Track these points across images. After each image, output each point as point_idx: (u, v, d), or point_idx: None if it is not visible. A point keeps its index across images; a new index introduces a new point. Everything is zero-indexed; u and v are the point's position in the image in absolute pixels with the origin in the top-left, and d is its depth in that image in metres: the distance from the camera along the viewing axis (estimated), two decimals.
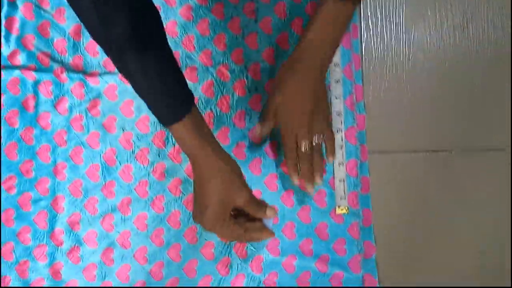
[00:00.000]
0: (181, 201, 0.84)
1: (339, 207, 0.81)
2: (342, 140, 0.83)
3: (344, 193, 0.81)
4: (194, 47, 0.86)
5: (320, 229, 0.82)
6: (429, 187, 0.83)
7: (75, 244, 0.84)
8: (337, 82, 0.84)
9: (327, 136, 0.77)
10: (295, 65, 0.74)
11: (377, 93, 0.85)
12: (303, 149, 0.74)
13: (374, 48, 0.86)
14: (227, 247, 0.82)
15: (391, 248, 0.82)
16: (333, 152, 0.78)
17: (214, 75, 0.86)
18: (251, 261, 0.82)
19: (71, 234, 0.84)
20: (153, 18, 0.60)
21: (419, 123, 0.84)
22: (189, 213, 0.83)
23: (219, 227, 0.70)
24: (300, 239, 0.81)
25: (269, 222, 0.74)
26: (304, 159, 0.75)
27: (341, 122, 0.83)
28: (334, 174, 0.83)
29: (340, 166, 0.82)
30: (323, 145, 0.78)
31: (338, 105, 0.84)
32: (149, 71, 0.60)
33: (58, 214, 0.84)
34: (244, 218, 0.72)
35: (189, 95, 0.66)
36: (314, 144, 0.76)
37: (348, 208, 0.81)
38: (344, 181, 0.82)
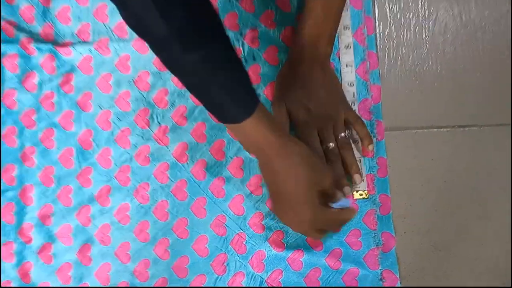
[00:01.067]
0: (169, 189, 0.71)
1: (356, 191, 0.69)
2: (354, 95, 0.72)
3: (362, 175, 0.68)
4: None
5: None
6: (456, 167, 0.70)
7: (46, 241, 0.72)
8: (348, 47, 0.71)
9: (353, 120, 0.69)
10: (297, 69, 0.69)
11: (393, 62, 0.72)
12: (329, 151, 0.68)
13: (389, 8, 0.73)
14: (223, 242, 0.70)
15: (414, 239, 0.69)
16: (368, 137, 0.69)
17: None
18: (251, 257, 0.69)
19: (42, 230, 0.72)
20: (210, 7, 0.53)
21: (443, 95, 0.72)
22: (178, 202, 0.71)
23: (315, 216, 0.62)
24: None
25: (347, 202, 0.65)
26: (333, 160, 0.68)
27: (353, 94, 0.70)
28: None
29: (354, 145, 0.69)
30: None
31: (349, 74, 0.71)
32: (217, 64, 0.53)
33: (27, 207, 0.73)
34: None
35: (252, 85, 0.58)
36: (340, 138, 0.69)
37: (367, 193, 0.68)
38: (361, 161, 0.69)
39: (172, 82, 0.73)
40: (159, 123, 0.73)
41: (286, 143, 0.59)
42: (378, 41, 0.73)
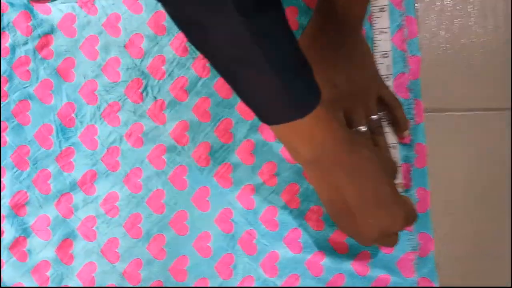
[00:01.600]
0: (166, 176, 0.59)
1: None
2: (388, 68, 0.60)
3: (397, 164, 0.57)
4: None
5: None
6: (508, 157, 0.59)
7: (20, 235, 0.61)
8: (382, 10, 0.59)
9: (388, 100, 0.57)
10: (321, 36, 0.55)
11: (436, 29, 0.60)
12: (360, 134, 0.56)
13: None
14: (230, 240, 0.58)
15: (456, 242, 0.58)
16: (404, 120, 0.57)
17: None
18: (263, 259, 0.58)
19: (15, 221, 0.61)
20: None
21: (493, 72, 0.60)
22: (177, 192, 0.59)
23: (408, 214, 0.49)
24: (330, 230, 0.57)
25: None
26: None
27: (388, 67, 0.58)
28: None
29: (388, 128, 0.57)
30: None
31: (383, 43, 0.58)
32: (280, 37, 0.40)
33: None
34: None
35: (312, 70, 0.43)
36: (372, 120, 0.56)
37: (403, 186, 0.57)
38: (395, 148, 0.57)
39: (171, 47, 0.61)
40: (155, 97, 0.60)
41: (352, 137, 0.46)
42: (417, 5, 0.60)
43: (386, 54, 0.59)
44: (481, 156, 0.59)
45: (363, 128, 0.55)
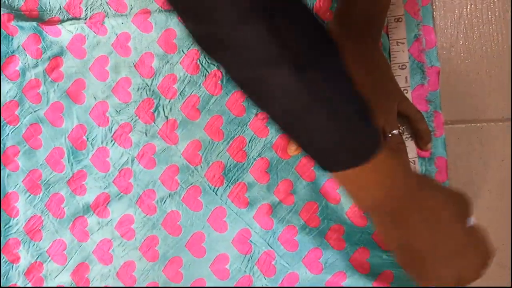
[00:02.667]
0: (179, 197, 0.56)
1: None
2: (407, 81, 0.56)
3: None
4: None
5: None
6: None
7: (36, 260, 0.59)
8: (399, 20, 0.55)
9: (409, 113, 0.53)
10: (341, 47, 0.49)
11: (454, 38, 0.56)
12: None
13: None
14: (248, 262, 0.55)
15: None
16: (428, 133, 0.53)
17: None
18: (282, 280, 0.55)
19: (31, 246, 0.59)
20: (320, 24, 0.38)
21: None
22: (193, 213, 0.56)
23: (482, 247, 0.44)
24: (352, 249, 0.54)
25: None
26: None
27: (406, 79, 0.54)
28: None
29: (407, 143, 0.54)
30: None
31: (400, 54, 0.55)
32: (335, 84, 0.37)
33: (12, 219, 0.59)
34: None
35: (371, 113, 0.41)
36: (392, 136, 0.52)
37: None
38: (415, 163, 0.53)
39: (182, 66, 0.58)
40: (166, 117, 0.58)
41: (419, 182, 0.42)
42: (435, 13, 0.57)
43: (403, 65, 0.55)
44: (504, 168, 0.55)
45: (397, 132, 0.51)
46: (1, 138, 0.59)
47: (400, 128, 0.52)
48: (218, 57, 0.37)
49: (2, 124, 0.59)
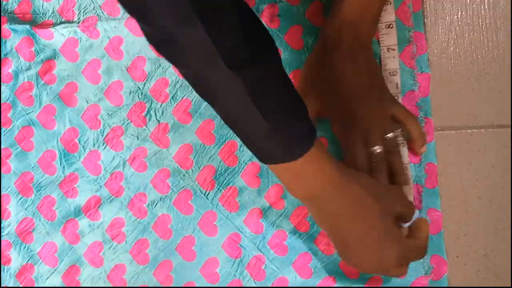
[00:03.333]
0: (170, 201, 0.56)
1: None
2: (397, 86, 0.55)
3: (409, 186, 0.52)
4: None
5: None
6: None
7: (27, 262, 0.58)
8: (389, 26, 0.54)
9: (402, 117, 0.52)
10: (331, 55, 0.52)
11: (445, 45, 0.55)
12: (376, 154, 0.51)
13: None
14: (238, 266, 0.54)
15: (468, 264, 0.53)
16: (422, 136, 0.53)
17: None
18: (271, 284, 0.54)
19: (22, 248, 0.58)
20: (262, 25, 0.40)
21: (506, 86, 0.54)
22: (183, 217, 0.56)
23: (402, 249, 0.47)
24: None
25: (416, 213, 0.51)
26: (379, 169, 0.51)
27: (397, 85, 0.53)
28: None
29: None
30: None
31: (392, 61, 0.54)
32: (272, 85, 0.40)
33: (3, 221, 0.58)
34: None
35: (307, 111, 0.43)
36: (386, 140, 0.52)
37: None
38: (407, 168, 0.52)
39: (174, 70, 0.57)
40: (158, 121, 0.57)
41: (345, 176, 0.45)
42: (426, 20, 0.56)
43: (394, 72, 0.54)
44: (494, 175, 0.54)
45: (378, 149, 0.50)
46: None
47: (395, 131, 0.51)
48: (166, 55, 0.39)
49: None
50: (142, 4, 0.34)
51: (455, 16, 0.56)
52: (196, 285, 0.54)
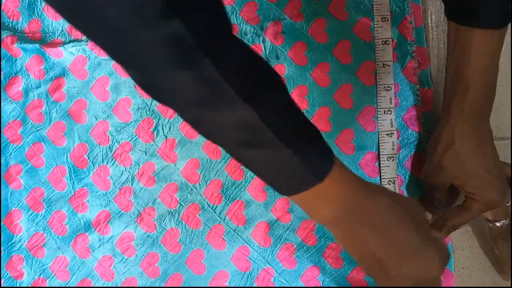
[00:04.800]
0: (179, 215, 0.54)
1: None
2: (392, 124, 0.53)
3: None
4: None
5: None
6: None
7: (39, 276, 0.56)
8: (386, 43, 0.53)
9: None
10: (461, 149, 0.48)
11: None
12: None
13: None
14: (247, 279, 0.54)
15: (473, 276, 0.52)
16: None
17: None
18: None
19: (34, 263, 0.56)
20: (262, 59, 0.38)
21: (508, 98, 0.53)
22: (192, 231, 0.54)
23: (443, 255, 0.42)
24: (350, 267, 0.53)
25: None
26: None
27: (390, 100, 0.52)
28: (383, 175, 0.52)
29: (390, 161, 0.52)
30: None
31: (387, 76, 0.53)
32: (284, 114, 0.37)
33: (15, 236, 0.57)
34: None
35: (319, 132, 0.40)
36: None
37: None
38: (395, 182, 0.51)
39: None
40: (165, 136, 0.55)
41: (366, 189, 0.41)
42: (428, 34, 0.54)
43: (389, 87, 0.54)
44: None
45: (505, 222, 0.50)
46: (5, 157, 0.56)
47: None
48: (160, 100, 0.37)
49: (5, 143, 0.57)
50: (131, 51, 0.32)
51: None
52: None
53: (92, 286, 0.55)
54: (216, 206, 0.55)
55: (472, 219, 0.49)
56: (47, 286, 0.55)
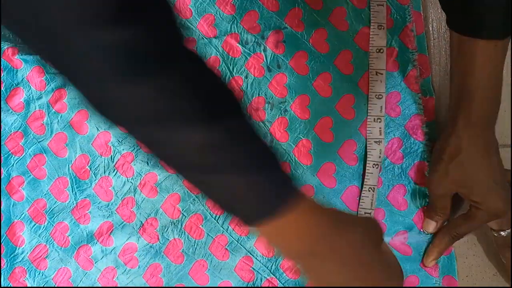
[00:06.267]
0: (181, 225, 0.53)
1: None
2: (380, 132, 0.51)
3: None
4: (191, 12, 0.55)
5: None
6: None
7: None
8: (380, 51, 0.51)
9: None
10: (468, 132, 0.46)
11: (448, 68, 0.52)
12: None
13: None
14: (252, 286, 0.51)
15: (479, 284, 0.50)
16: None
17: (220, 49, 0.54)
18: None
19: (36, 275, 0.55)
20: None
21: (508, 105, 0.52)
22: (195, 241, 0.52)
23: None
24: None
25: None
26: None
27: (381, 109, 0.51)
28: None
29: (375, 168, 0.50)
30: None
31: (379, 84, 0.52)
32: (244, 137, 0.33)
33: (17, 248, 0.55)
34: None
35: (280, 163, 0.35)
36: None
37: None
38: (374, 189, 0.50)
39: None
40: None
41: (334, 223, 0.36)
42: (429, 42, 0.53)
43: (380, 95, 0.52)
44: None
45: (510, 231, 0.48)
46: (6, 169, 0.55)
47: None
48: (110, 117, 0.33)
49: (7, 155, 0.55)
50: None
51: None
52: None
53: None
54: (219, 217, 0.53)
55: (477, 228, 0.48)
56: None
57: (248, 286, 0.52)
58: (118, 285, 0.53)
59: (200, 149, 0.31)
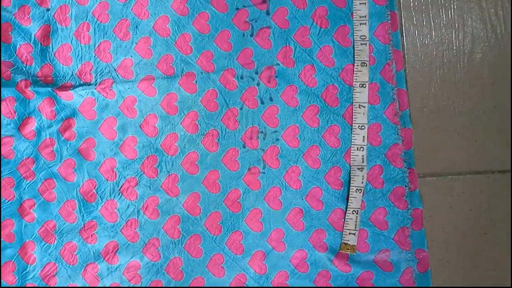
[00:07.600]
0: (181, 245, 0.55)
1: (345, 244, 0.54)
2: (363, 160, 0.55)
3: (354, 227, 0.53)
4: (191, 49, 0.57)
5: (362, 280, 0.53)
6: (499, 217, 0.54)
7: None
8: (362, 86, 0.55)
9: None
10: None
11: (425, 100, 0.56)
12: None
13: (420, 41, 0.56)
14: None
15: None
16: None
17: (217, 83, 0.56)
18: None
19: None
20: None
21: (481, 136, 0.55)
22: (193, 260, 0.55)
23: None
24: None
25: None
26: None
27: (364, 138, 0.55)
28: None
29: (358, 193, 0.53)
30: None
31: (362, 116, 0.56)
32: None
33: (29, 266, 0.58)
34: None
35: None
36: None
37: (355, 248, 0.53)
38: (357, 212, 0.53)
39: (182, 126, 0.57)
40: (168, 172, 0.57)
41: None
42: (408, 78, 0.56)
43: (363, 126, 0.56)
44: (472, 217, 0.55)
45: None
46: (18, 192, 0.57)
47: None
48: None
49: (19, 179, 0.58)
50: None
51: (434, 74, 0.57)
52: None
53: None
54: (217, 237, 0.56)
55: None
56: None
57: None
58: None
59: None
